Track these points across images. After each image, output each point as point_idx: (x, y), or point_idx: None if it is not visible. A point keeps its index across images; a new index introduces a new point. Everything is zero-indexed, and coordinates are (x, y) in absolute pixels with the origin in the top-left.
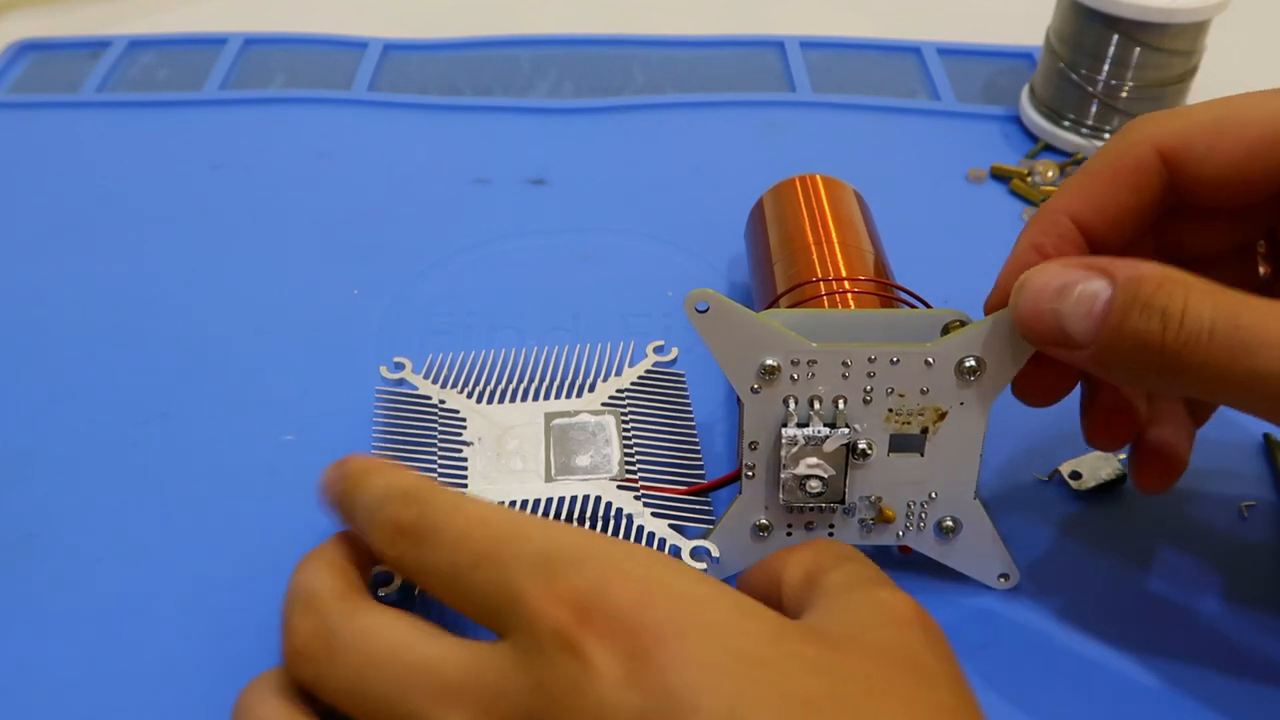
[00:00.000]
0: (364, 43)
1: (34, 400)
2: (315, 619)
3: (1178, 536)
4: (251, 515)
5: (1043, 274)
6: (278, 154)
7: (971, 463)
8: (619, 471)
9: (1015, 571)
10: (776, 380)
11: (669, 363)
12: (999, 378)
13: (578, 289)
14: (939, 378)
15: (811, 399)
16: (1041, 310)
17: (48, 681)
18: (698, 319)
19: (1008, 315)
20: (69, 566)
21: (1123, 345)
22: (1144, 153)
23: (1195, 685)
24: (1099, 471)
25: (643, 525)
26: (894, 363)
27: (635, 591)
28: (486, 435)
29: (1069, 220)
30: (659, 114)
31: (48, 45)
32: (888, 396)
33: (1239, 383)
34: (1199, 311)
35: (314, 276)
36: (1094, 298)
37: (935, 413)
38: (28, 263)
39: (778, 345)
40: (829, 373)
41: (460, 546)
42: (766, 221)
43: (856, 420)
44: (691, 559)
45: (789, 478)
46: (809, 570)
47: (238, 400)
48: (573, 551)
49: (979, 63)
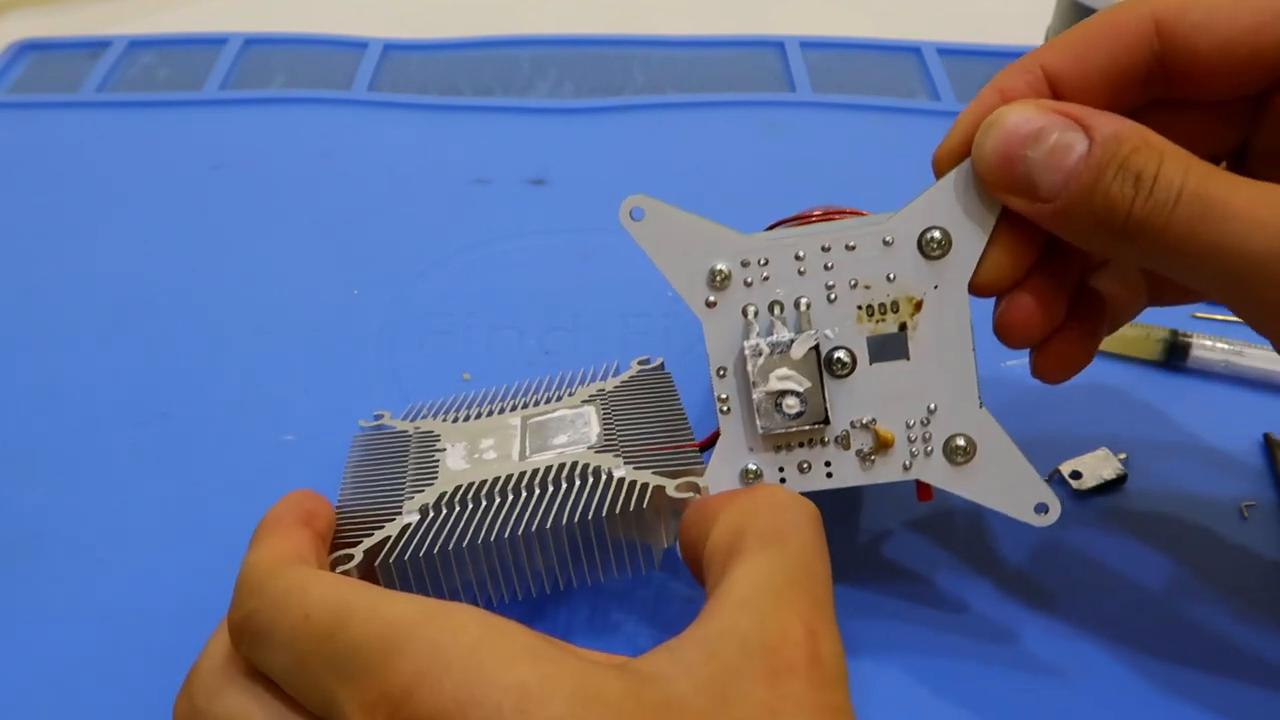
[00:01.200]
0: (364, 43)
1: (34, 400)
2: (186, 701)
3: (1178, 536)
4: (251, 515)
5: (1015, 114)
6: (278, 154)
7: (965, 360)
8: (598, 442)
9: (1055, 502)
10: (729, 287)
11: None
12: (968, 248)
13: (578, 289)
14: (903, 258)
15: (772, 305)
16: (1011, 154)
17: (48, 681)
18: (635, 227)
19: (964, 172)
20: (69, 567)
21: (1090, 205)
22: (1139, 16)
23: (1195, 685)
24: (1099, 471)
25: (624, 477)
26: (850, 248)
27: (450, 692)
28: (461, 441)
29: (1042, 72)
30: (659, 114)
31: (48, 45)
32: (853, 290)
33: (1200, 255)
34: (1170, 178)
35: (314, 276)
36: (1068, 149)
37: (910, 303)
38: (28, 263)
39: (724, 244)
40: (783, 270)
41: (287, 647)
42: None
43: (826, 325)
44: (676, 492)
45: (762, 397)
46: (729, 543)
47: (238, 400)
48: (388, 645)
49: (979, 63)
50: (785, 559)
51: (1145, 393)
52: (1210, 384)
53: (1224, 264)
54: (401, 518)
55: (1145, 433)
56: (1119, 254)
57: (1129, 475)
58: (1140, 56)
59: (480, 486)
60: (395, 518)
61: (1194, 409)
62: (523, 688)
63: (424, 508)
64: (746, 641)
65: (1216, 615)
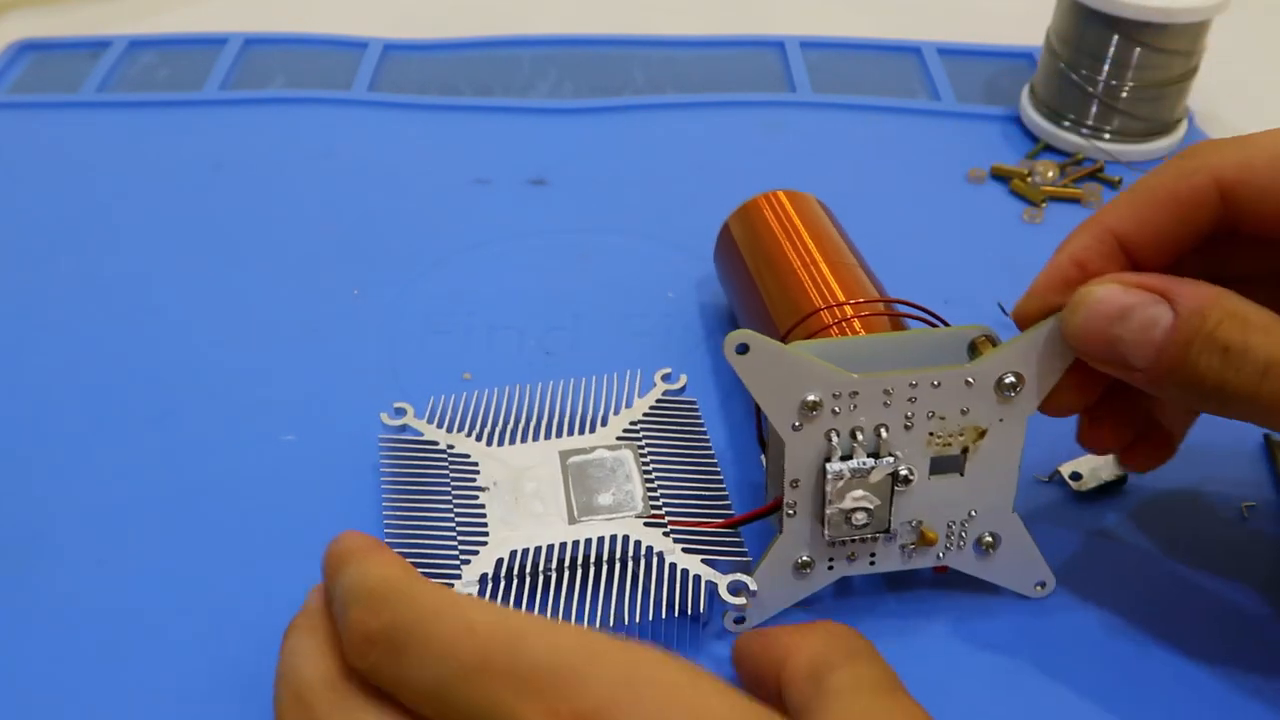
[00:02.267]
0: (364, 43)
1: (34, 401)
2: (304, 713)
3: (1178, 537)
4: (252, 515)
5: (1100, 295)
6: (278, 154)
7: (1010, 477)
8: (644, 508)
9: (1052, 578)
10: (818, 415)
11: (677, 391)
12: (1038, 391)
13: (578, 289)
14: (979, 396)
15: (853, 430)
16: (1100, 332)
17: (47, 681)
18: (738, 360)
19: (1046, 329)
20: (69, 567)
21: (1179, 375)
22: (1201, 182)
23: (1195, 685)
24: (1099, 472)
25: (675, 563)
26: (935, 386)
27: (647, 716)
28: (501, 479)
29: (1114, 237)
30: (659, 114)
31: (48, 45)
32: (929, 420)
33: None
34: (1257, 349)
35: (314, 276)
36: (1154, 324)
37: (975, 432)
38: (28, 263)
39: (819, 380)
40: (871, 403)
41: (445, 659)
42: (740, 248)
43: (898, 447)
44: (729, 594)
45: (835, 512)
46: (815, 665)
47: (238, 400)
48: (575, 664)
49: (979, 63)
50: (875, 665)
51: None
52: None
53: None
54: (461, 587)
55: None
56: (1214, 412)
57: (1129, 475)
58: (1208, 219)
59: (535, 555)
60: (453, 584)
61: None
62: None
63: (484, 577)
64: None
65: (1217, 615)
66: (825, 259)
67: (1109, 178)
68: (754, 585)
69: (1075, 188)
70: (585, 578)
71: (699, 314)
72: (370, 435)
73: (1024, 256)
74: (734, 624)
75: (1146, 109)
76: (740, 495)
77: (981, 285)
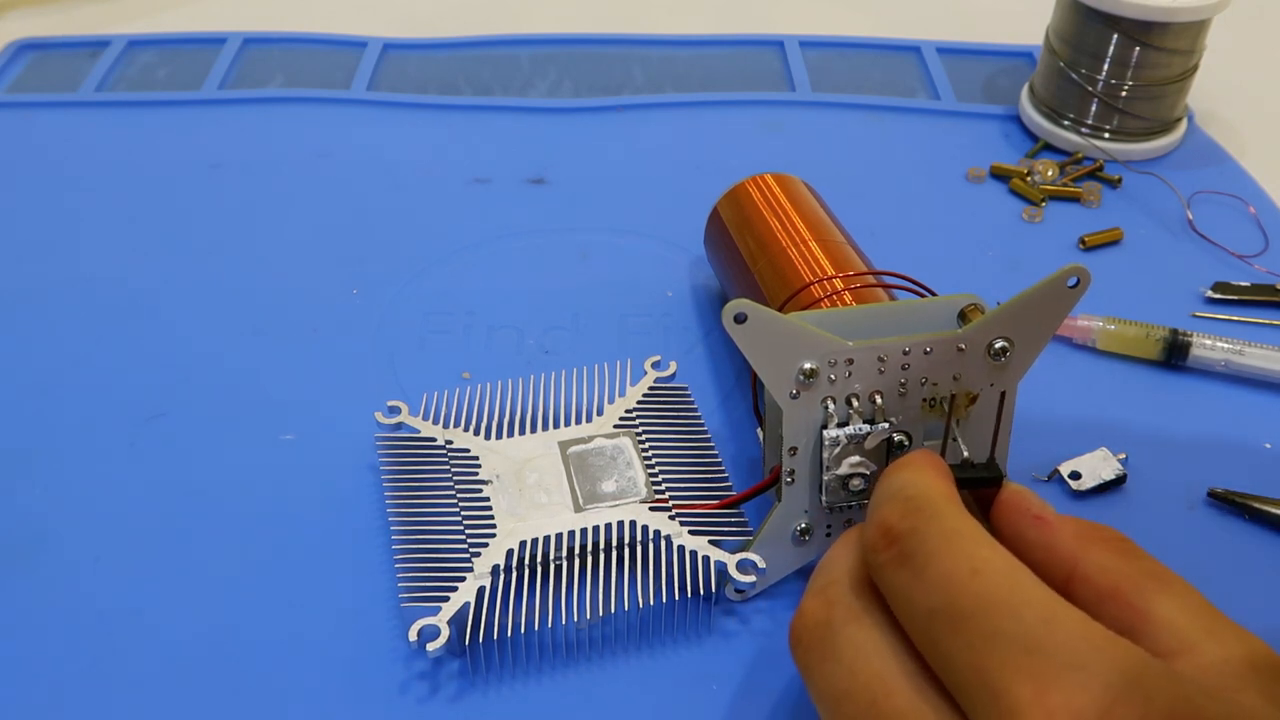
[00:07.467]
0: (363, 42)
1: (33, 401)
2: (822, 607)
3: (1179, 537)
4: (251, 515)
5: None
6: (277, 154)
7: (1002, 440)
8: (647, 493)
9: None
10: (815, 383)
11: (668, 378)
12: (1026, 355)
13: (577, 289)
14: (971, 362)
15: (849, 397)
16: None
17: (47, 681)
18: (736, 329)
19: (1036, 294)
20: (68, 567)
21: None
22: None
23: None
24: (1099, 471)
25: (683, 545)
26: (927, 352)
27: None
28: (504, 471)
29: None
30: (659, 114)
31: (47, 45)
32: (922, 386)
33: None
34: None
35: (313, 276)
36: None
37: (967, 396)
38: (27, 262)
39: (815, 347)
40: (865, 370)
41: (940, 592)
42: (730, 229)
43: (893, 413)
44: (738, 572)
45: (832, 479)
46: (1118, 584)
47: (237, 400)
48: (1074, 653)
49: (979, 62)
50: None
51: (1145, 393)
52: (1210, 383)
53: None
54: (474, 579)
55: (1145, 433)
56: None
57: (1129, 475)
58: None
59: (545, 544)
60: (465, 576)
61: (1194, 409)
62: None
63: (495, 568)
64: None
65: None
66: (814, 235)
67: (1109, 176)
68: (762, 563)
69: (1075, 187)
70: (595, 564)
71: (698, 313)
72: (370, 434)
73: (1023, 255)
74: (735, 593)
75: (1146, 108)
76: (738, 474)
77: (981, 284)
